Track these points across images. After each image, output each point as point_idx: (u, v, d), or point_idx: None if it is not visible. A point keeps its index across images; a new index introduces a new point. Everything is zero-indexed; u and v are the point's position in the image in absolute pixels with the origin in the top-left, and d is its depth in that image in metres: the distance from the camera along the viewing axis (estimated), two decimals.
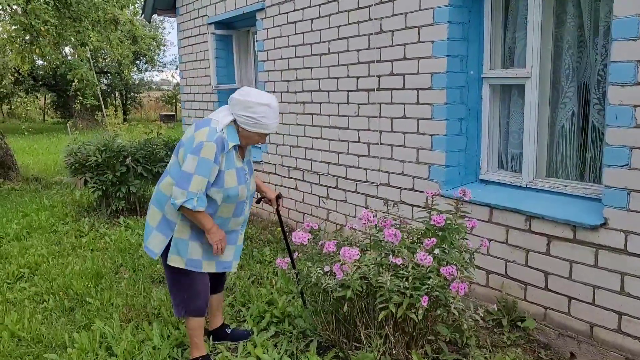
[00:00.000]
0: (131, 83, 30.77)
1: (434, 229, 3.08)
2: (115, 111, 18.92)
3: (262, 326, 3.67)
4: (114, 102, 31.02)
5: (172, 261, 3.00)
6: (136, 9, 14.31)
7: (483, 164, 4.08)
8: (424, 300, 2.75)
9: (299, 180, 5.78)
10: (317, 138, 5.38)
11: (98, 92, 15.33)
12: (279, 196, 3.53)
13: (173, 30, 39.10)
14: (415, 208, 4.25)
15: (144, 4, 8.19)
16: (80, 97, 22.02)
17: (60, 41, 10.97)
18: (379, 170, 4.62)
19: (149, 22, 9.26)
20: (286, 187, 5.96)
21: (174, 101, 31.21)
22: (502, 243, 3.66)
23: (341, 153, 5.08)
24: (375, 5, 4.44)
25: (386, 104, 4.46)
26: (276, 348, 3.36)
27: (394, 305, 2.81)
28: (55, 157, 13.65)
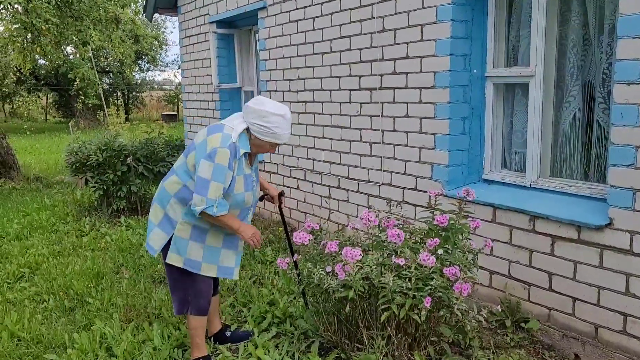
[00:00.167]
0: (133, 82, 30.81)
1: (437, 229, 3.05)
2: (117, 111, 18.93)
3: (263, 327, 3.64)
4: (115, 101, 31.07)
5: (171, 259, 3.01)
6: (138, 7, 14.30)
7: (486, 163, 4.05)
8: (427, 301, 2.72)
9: (301, 179, 5.75)
10: (319, 137, 5.35)
11: (100, 91, 15.33)
12: (282, 194, 3.55)
13: (175, 29, 39.11)
14: (417, 208, 4.22)
15: (145, 2, 8.17)
16: (82, 97, 22.07)
17: (61, 40, 10.97)
18: (381, 170, 4.59)
19: (150, 21, 9.25)
20: (288, 186, 5.93)
21: (176, 101, 31.25)
22: (506, 243, 3.63)
23: (343, 152, 5.05)
24: (378, 4, 4.41)
25: (389, 103, 4.43)
26: (277, 349, 3.34)
27: (396, 306, 2.78)
28: (56, 156, 13.65)
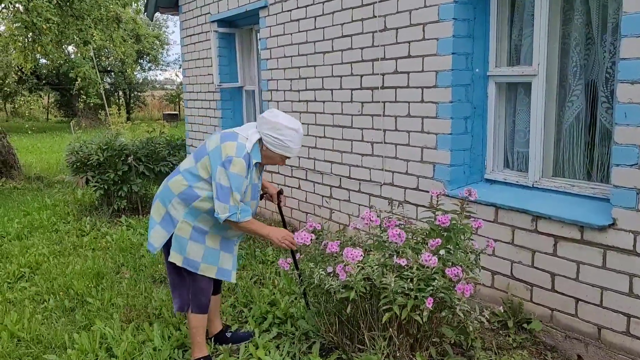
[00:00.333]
0: (134, 82, 30.83)
1: (439, 229, 3.02)
2: (119, 110, 18.95)
3: (264, 327, 3.62)
4: (117, 101, 31.09)
5: (172, 257, 3.05)
6: (139, 7, 14.29)
7: (488, 163, 4.03)
8: (429, 301, 2.70)
9: (302, 179, 5.73)
10: (320, 137, 5.33)
11: (101, 91, 15.33)
12: (281, 192, 3.55)
13: (177, 29, 39.11)
14: (419, 208, 4.20)
15: (146, 2, 8.16)
16: (84, 96, 22.07)
17: (62, 40, 10.96)
18: (382, 170, 4.57)
19: (151, 20, 9.24)
20: (289, 186, 5.91)
21: (178, 100, 31.26)
22: (508, 243, 3.60)
23: (345, 152, 5.03)
24: (380, 3, 4.38)
25: (390, 102, 4.41)
26: (278, 350, 3.32)
27: (398, 306, 2.76)
28: (58, 155, 13.65)
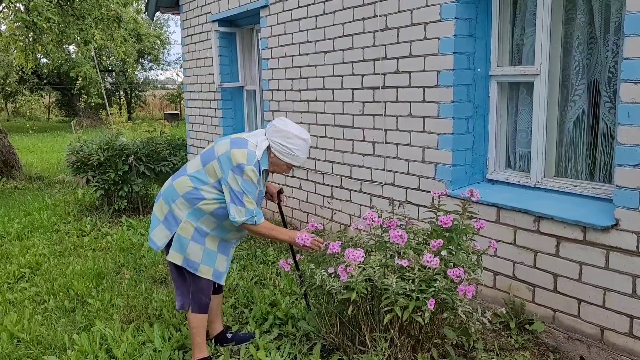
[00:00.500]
0: (136, 81, 30.83)
1: (441, 229, 3.00)
2: (120, 110, 18.93)
3: (264, 328, 3.61)
4: (118, 100, 31.09)
5: (172, 257, 3.05)
6: (139, 6, 14.28)
7: (490, 163, 4.01)
8: (431, 303, 2.68)
9: (303, 179, 5.71)
10: (321, 137, 5.31)
11: (102, 90, 15.33)
12: (280, 191, 3.55)
13: (178, 28, 39.12)
14: (421, 208, 4.18)
15: (147, 1, 8.14)
16: (85, 96, 22.06)
17: (63, 39, 10.95)
18: (384, 170, 4.55)
19: (152, 19, 9.22)
20: (290, 186, 5.90)
21: (179, 100, 31.25)
22: (510, 244, 3.58)
23: (346, 152, 5.01)
24: (381, 2, 4.36)
25: (391, 102, 4.39)
26: (279, 351, 3.30)
27: (399, 308, 2.74)
28: (59, 155, 13.63)
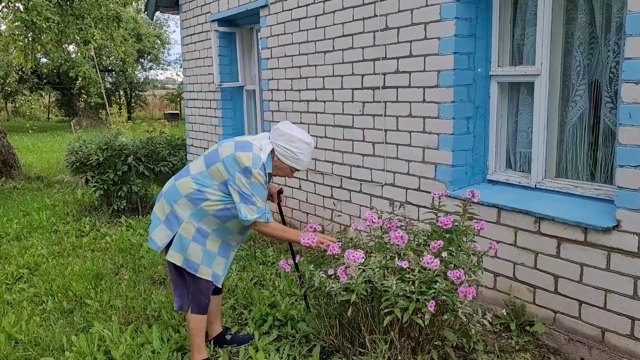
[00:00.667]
0: (135, 81, 30.81)
1: (441, 231, 2.99)
2: (120, 109, 18.91)
3: (264, 330, 3.59)
4: (118, 100, 31.07)
5: (171, 257, 3.03)
6: (139, 6, 14.26)
7: (491, 163, 3.99)
8: (431, 304, 2.66)
9: (303, 179, 5.69)
10: (321, 137, 5.29)
11: (102, 90, 15.31)
12: (280, 191, 3.53)
13: (178, 28, 39.07)
14: (421, 209, 4.16)
15: (146, 1, 8.12)
16: (85, 96, 22.03)
17: (63, 39, 10.93)
18: (384, 170, 4.54)
19: (151, 19, 9.20)
20: (289, 186, 5.88)
21: (179, 99, 31.24)
22: (511, 245, 3.57)
23: (345, 152, 4.99)
24: (381, 2, 4.35)
25: (391, 102, 4.37)
26: (278, 352, 3.29)
27: (399, 309, 2.72)
28: (58, 155, 13.61)
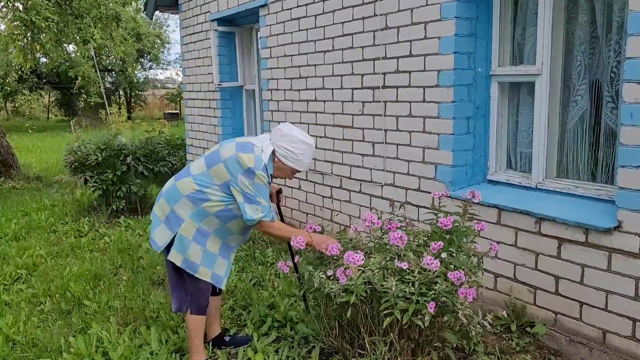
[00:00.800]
0: (135, 81, 30.78)
1: (441, 231, 2.97)
2: (119, 109, 18.90)
3: (263, 331, 3.57)
4: (118, 100, 31.07)
5: (172, 257, 3.02)
6: (139, 5, 14.24)
7: (491, 163, 3.97)
8: (431, 306, 2.64)
9: (302, 179, 5.68)
10: (320, 137, 5.27)
11: (102, 90, 15.29)
12: (280, 191, 3.52)
13: (178, 28, 39.07)
14: (421, 209, 4.14)
15: (146, 0, 8.10)
16: (84, 95, 22.03)
17: (62, 38, 10.91)
18: (384, 170, 4.52)
19: (151, 19, 9.17)
20: (289, 186, 5.86)
21: (178, 99, 31.22)
22: (511, 246, 3.55)
23: (345, 152, 4.97)
24: (381, 1, 4.33)
25: (391, 102, 4.35)
26: (277, 354, 3.27)
27: (399, 311, 2.70)
28: (57, 155, 13.58)
